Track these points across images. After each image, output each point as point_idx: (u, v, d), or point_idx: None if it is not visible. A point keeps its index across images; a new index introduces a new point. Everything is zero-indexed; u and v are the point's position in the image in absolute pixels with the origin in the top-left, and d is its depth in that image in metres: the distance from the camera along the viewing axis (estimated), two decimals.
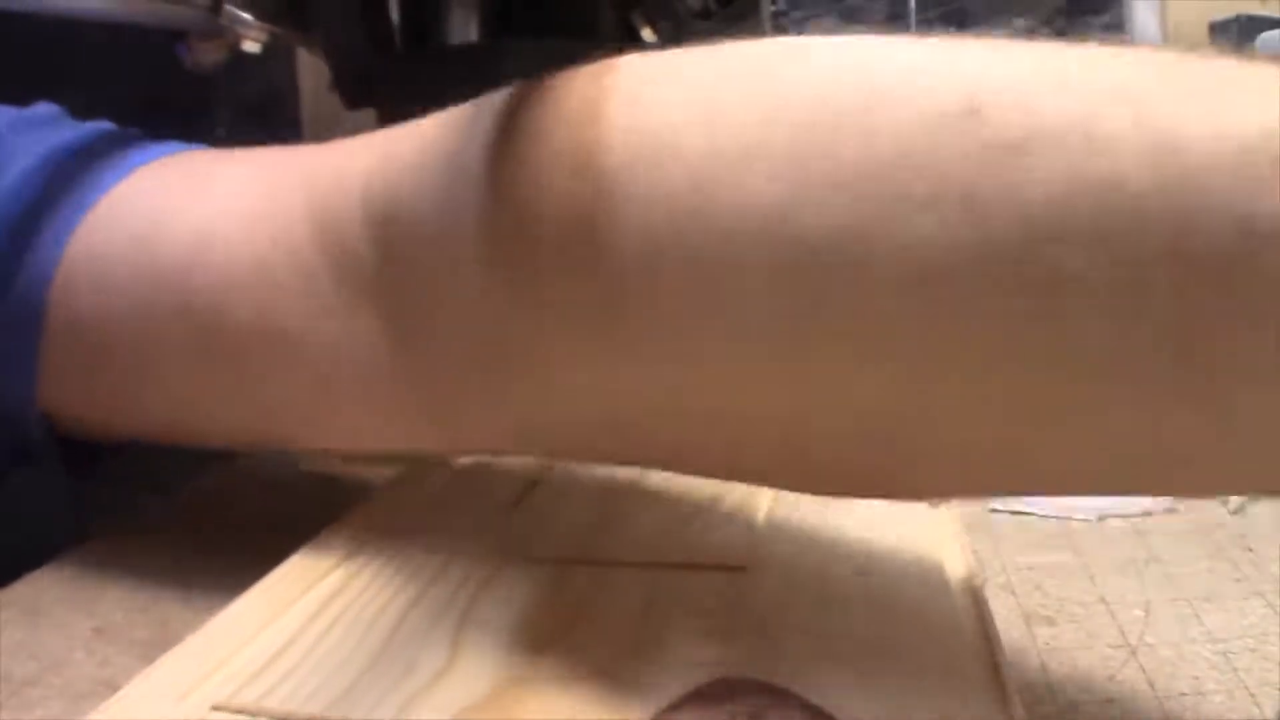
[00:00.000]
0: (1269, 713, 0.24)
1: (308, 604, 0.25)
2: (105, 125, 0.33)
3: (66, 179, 0.29)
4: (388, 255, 0.25)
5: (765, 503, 0.31)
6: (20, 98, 0.33)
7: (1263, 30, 1.01)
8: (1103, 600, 0.29)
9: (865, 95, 0.18)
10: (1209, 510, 0.37)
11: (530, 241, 0.21)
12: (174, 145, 0.32)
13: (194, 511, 0.38)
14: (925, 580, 0.26)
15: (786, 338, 0.19)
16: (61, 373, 0.29)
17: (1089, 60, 0.18)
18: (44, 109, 0.33)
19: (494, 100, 0.22)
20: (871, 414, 0.20)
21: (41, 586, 0.31)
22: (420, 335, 0.25)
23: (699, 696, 0.21)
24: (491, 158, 0.22)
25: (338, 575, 0.27)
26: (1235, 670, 0.25)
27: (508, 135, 0.22)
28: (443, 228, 0.23)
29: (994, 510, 0.37)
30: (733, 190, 0.19)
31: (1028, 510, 0.37)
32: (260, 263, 0.26)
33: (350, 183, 0.26)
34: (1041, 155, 0.17)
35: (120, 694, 0.21)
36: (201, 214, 0.28)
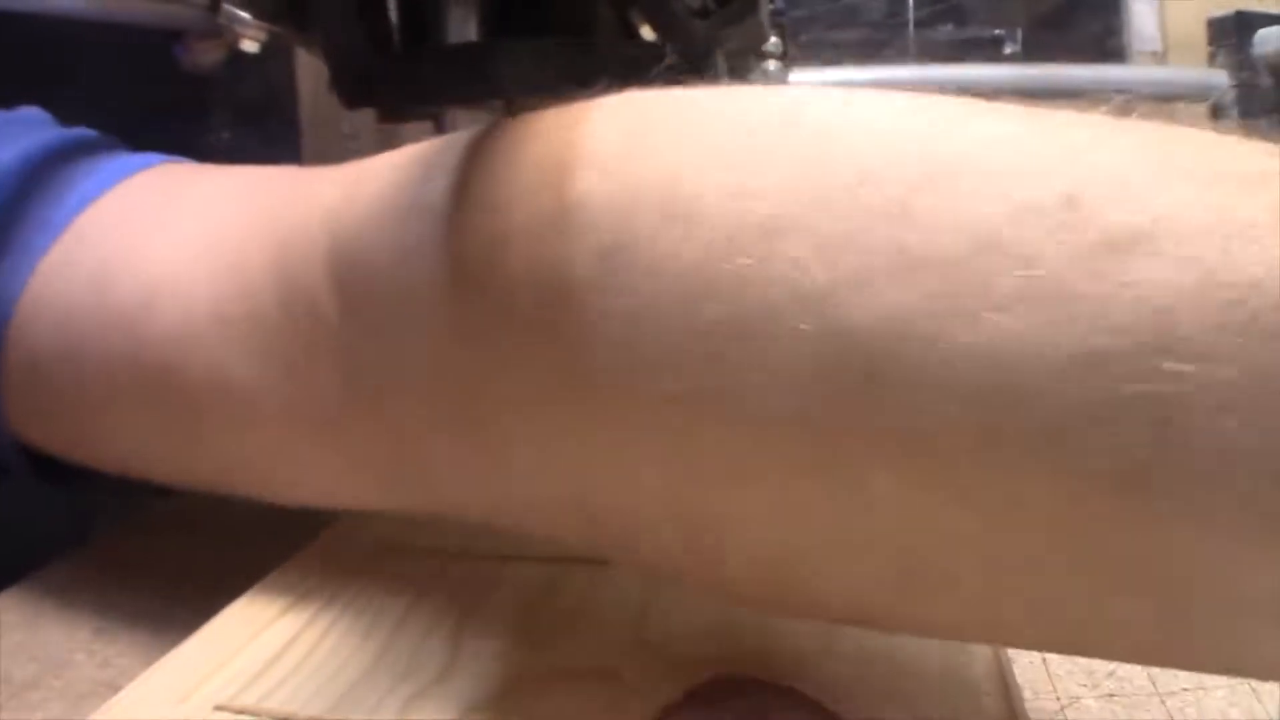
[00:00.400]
0: (1271, 709, 0.24)
1: (309, 605, 0.25)
2: (84, 132, 0.32)
3: (37, 192, 0.29)
4: (351, 310, 0.23)
5: None
6: (19, 98, 0.33)
7: (1260, 26, 1.01)
8: None
9: (934, 175, 0.16)
10: None
11: (494, 312, 0.19)
12: (150, 157, 0.31)
13: (195, 513, 0.38)
14: None
15: (809, 448, 0.16)
16: (21, 405, 0.29)
17: (1207, 147, 0.15)
18: (27, 112, 0.33)
19: (461, 137, 0.21)
20: (899, 549, 0.17)
21: (42, 588, 0.31)
22: (383, 399, 0.23)
23: (701, 695, 0.21)
24: (451, 210, 0.20)
25: (339, 576, 0.27)
26: None
27: (469, 186, 0.20)
28: (404, 285, 0.21)
29: None
30: (760, 267, 0.16)
31: None
32: (216, 316, 0.25)
33: (315, 227, 0.24)
34: (1161, 252, 0.14)
35: (121, 695, 0.21)
36: (157, 258, 0.27)
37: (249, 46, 0.29)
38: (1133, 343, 0.14)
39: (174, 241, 0.27)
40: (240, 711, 0.21)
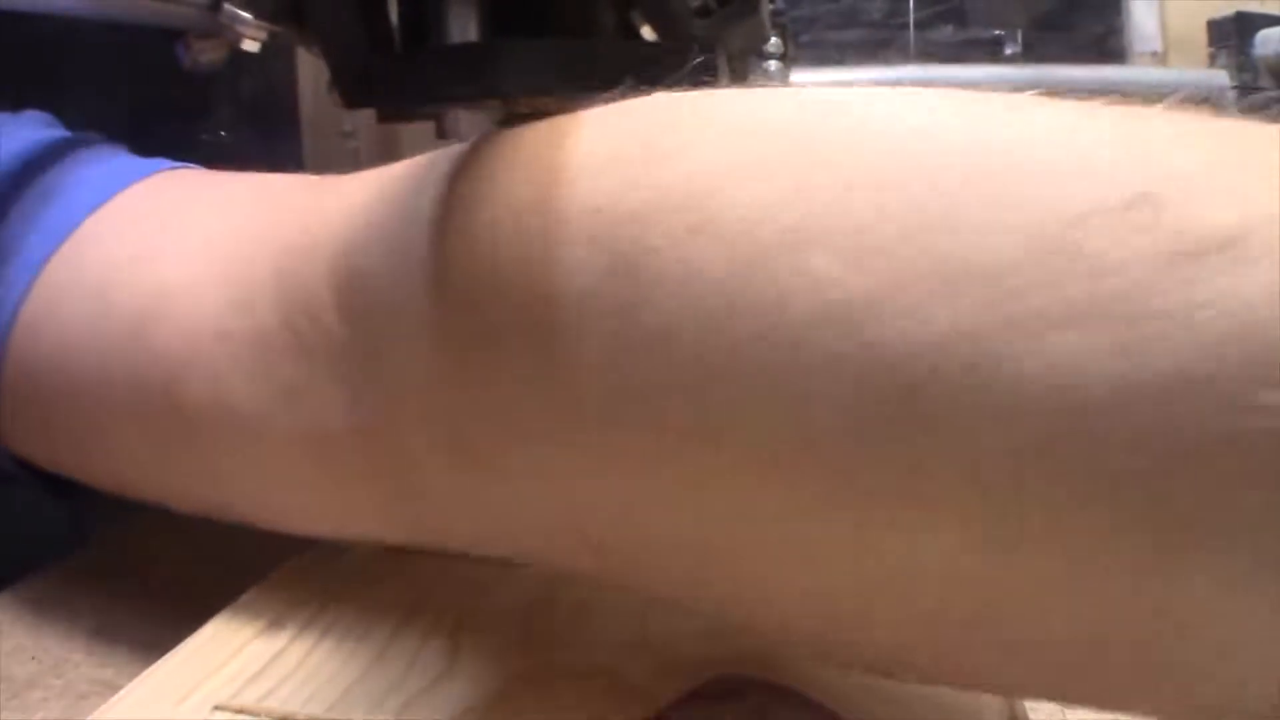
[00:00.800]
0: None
1: (309, 605, 0.25)
2: (86, 136, 0.31)
3: (37, 195, 0.28)
4: (353, 326, 0.22)
5: None
6: (19, 97, 0.33)
7: (1260, 28, 1.01)
8: None
9: (981, 174, 0.14)
10: None
11: (479, 338, 0.18)
12: (154, 163, 0.31)
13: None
14: None
15: (841, 477, 0.15)
16: (17, 421, 0.28)
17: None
18: (30, 115, 0.33)
19: (460, 148, 0.21)
20: (940, 592, 0.15)
21: (42, 588, 0.31)
22: (384, 420, 0.22)
23: (701, 696, 0.21)
24: (440, 225, 0.19)
25: (339, 577, 0.27)
26: None
27: (457, 198, 0.19)
28: (399, 300, 0.20)
29: None
30: (790, 279, 0.15)
31: None
32: (218, 333, 0.24)
33: (318, 241, 0.23)
34: (1254, 258, 0.12)
35: (120, 695, 0.21)
36: (161, 271, 0.26)
37: (250, 46, 0.29)
38: (1223, 366, 0.12)
39: (178, 253, 0.26)
40: (239, 711, 0.21)
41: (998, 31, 1.14)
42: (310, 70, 0.61)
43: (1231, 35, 1.03)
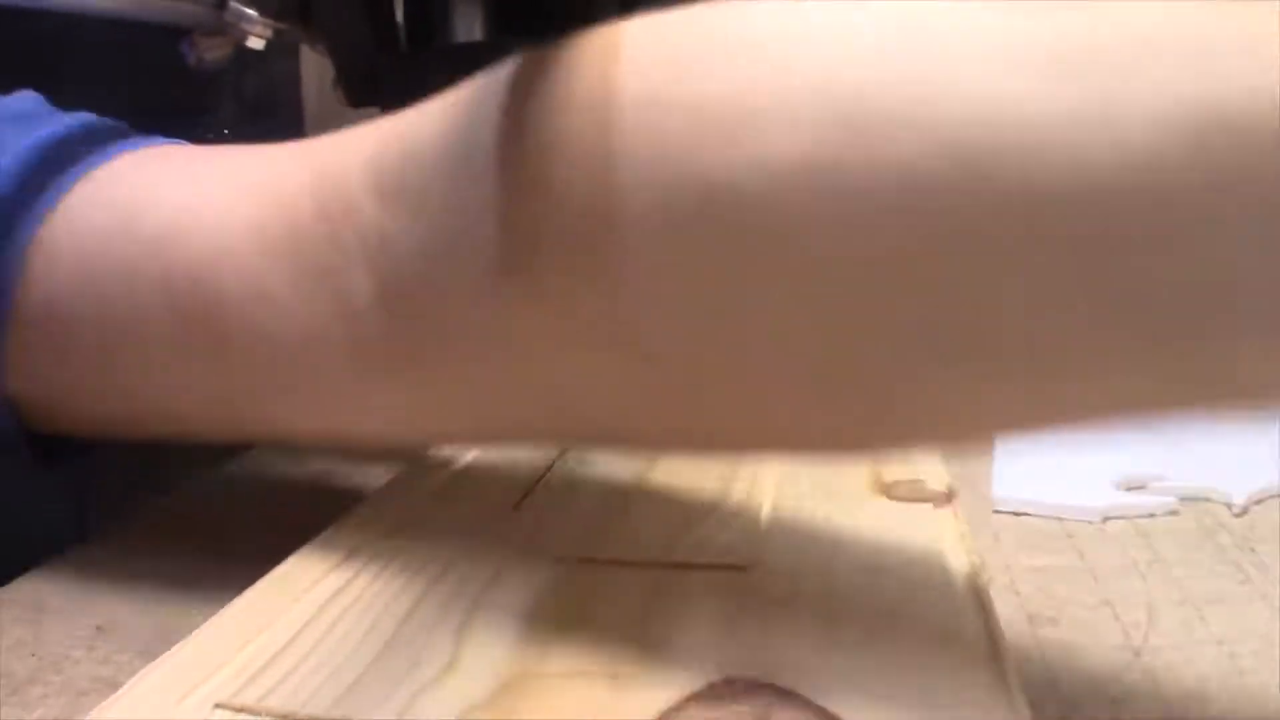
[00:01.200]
0: (1274, 715, 0.24)
1: (310, 602, 0.25)
2: (89, 116, 0.32)
3: (47, 167, 0.29)
4: (393, 222, 0.23)
5: (768, 502, 0.31)
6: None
7: None
8: (1106, 602, 0.29)
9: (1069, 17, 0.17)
10: (1212, 512, 0.37)
11: (538, 236, 0.21)
12: (161, 139, 0.31)
13: (195, 510, 0.38)
14: (929, 580, 0.26)
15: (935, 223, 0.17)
16: (27, 357, 0.28)
17: None
18: (25, 98, 0.33)
19: (503, 75, 0.22)
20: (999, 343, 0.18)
21: (43, 584, 0.31)
22: (416, 307, 0.24)
23: (703, 696, 0.20)
24: (498, 140, 0.21)
25: (340, 574, 0.27)
26: (1241, 674, 0.25)
27: (514, 115, 0.21)
28: (449, 208, 0.22)
29: (997, 511, 0.37)
30: (875, 75, 0.17)
31: (1030, 511, 0.37)
32: (250, 226, 0.25)
33: (356, 157, 0.25)
34: None
35: (121, 692, 0.21)
36: (188, 192, 0.27)
37: (255, 44, 0.29)
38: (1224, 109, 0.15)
39: (206, 175, 0.27)
40: (240, 709, 0.21)
41: None
42: (315, 68, 0.61)
43: None
